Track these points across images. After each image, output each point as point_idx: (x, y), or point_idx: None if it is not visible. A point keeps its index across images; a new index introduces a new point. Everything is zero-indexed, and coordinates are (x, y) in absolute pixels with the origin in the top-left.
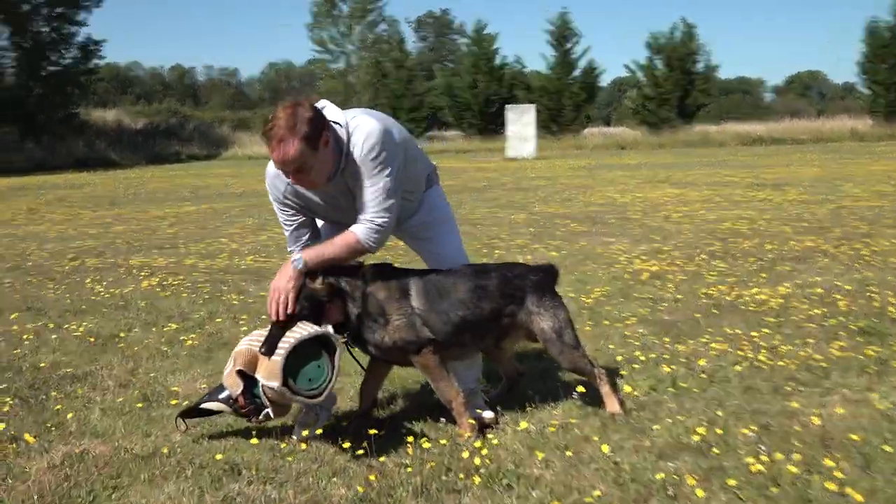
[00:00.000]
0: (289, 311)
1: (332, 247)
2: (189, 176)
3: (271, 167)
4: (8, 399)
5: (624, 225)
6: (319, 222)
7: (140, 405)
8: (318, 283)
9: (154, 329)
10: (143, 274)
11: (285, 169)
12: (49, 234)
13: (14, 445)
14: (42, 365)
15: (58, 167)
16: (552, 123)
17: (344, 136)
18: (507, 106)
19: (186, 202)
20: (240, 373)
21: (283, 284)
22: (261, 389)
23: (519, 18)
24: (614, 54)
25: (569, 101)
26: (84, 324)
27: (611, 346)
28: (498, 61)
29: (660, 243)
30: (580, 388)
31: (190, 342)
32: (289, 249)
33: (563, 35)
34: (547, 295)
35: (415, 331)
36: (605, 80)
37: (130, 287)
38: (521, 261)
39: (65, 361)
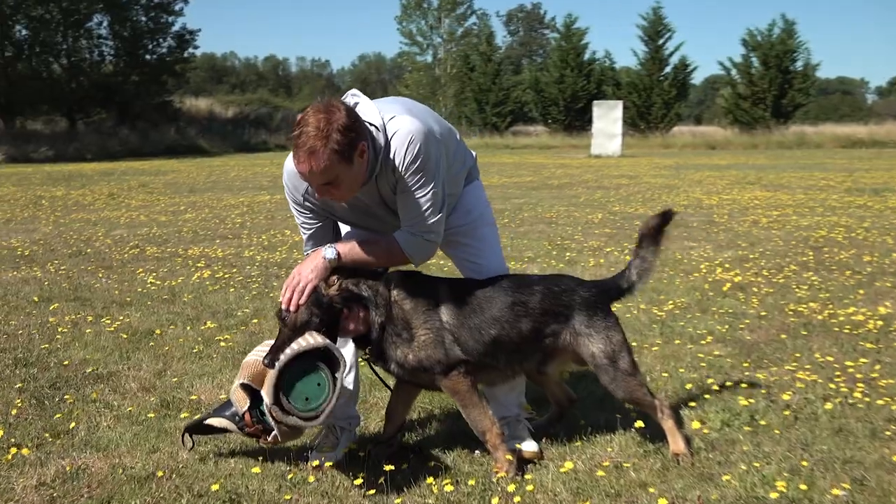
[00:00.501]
0: (301, 301)
1: (371, 246)
2: (272, 165)
3: (290, 163)
4: (18, 402)
5: (708, 229)
6: (343, 227)
7: (152, 415)
8: (332, 288)
9: (193, 326)
10: (198, 265)
11: (310, 182)
12: (120, 220)
13: (10, 455)
14: (66, 363)
15: (149, 153)
16: (640, 121)
17: (381, 140)
18: (594, 102)
19: (263, 191)
20: (245, 387)
21: (305, 271)
22: (266, 407)
23: (610, 13)
24: (708, 51)
25: (658, 98)
26: (124, 317)
27: (681, 370)
28: (587, 56)
29: (746, 250)
30: (639, 423)
31: (226, 343)
32: (305, 254)
33: (655, 31)
34: (598, 314)
35: (443, 349)
36: (697, 78)
37: (180, 279)
38: (591, 263)
39: (94, 359)
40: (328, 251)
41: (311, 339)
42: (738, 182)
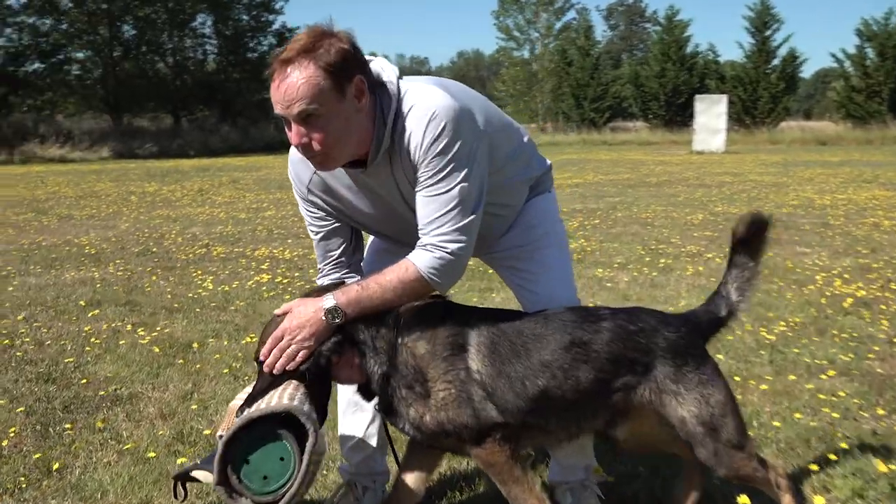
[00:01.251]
0: (289, 368)
1: (379, 287)
2: None
3: (296, 153)
4: (13, 431)
5: (822, 233)
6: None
7: (152, 454)
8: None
9: (236, 339)
10: (261, 268)
11: (287, 112)
12: (200, 217)
13: None
14: (89, 380)
15: (249, 150)
16: (745, 116)
17: (392, 107)
18: (696, 96)
19: None
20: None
21: (299, 333)
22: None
23: (715, 4)
24: (819, 43)
25: (765, 92)
26: (166, 326)
27: (797, 416)
28: (689, 49)
29: (867, 258)
30: (743, 499)
31: None
32: (318, 267)
33: (762, 21)
34: (689, 362)
35: (471, 409)
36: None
37: (236, 283)
38: (689, 271)
39: (119, 376)
40: (330, 309)
41: (278, 398)
42: (852, 180)
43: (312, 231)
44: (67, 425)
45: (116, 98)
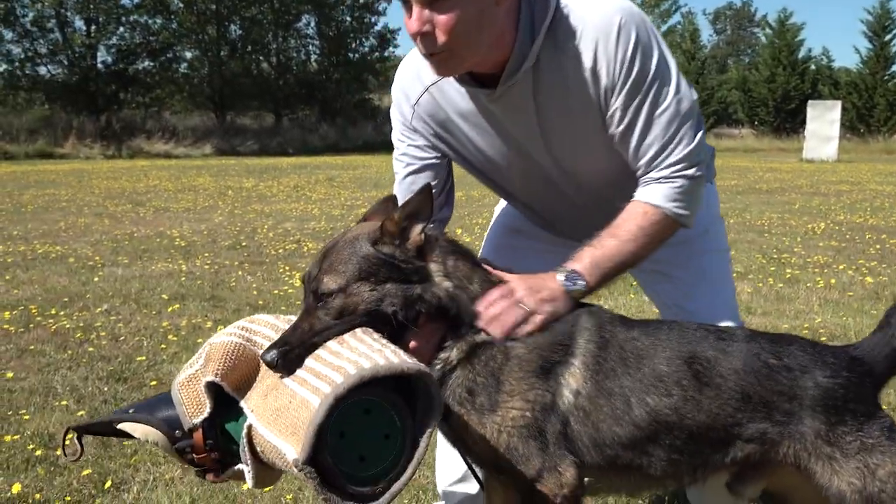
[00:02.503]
0: (518, 333)
1: (615, 241)
2: None
3: (407, 65)
4: (70, 436)
5: None
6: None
7: None
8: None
9: None
10: None
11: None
12: (294, 212)
13: None
14: (158, 381)
15: (346, 149)
16: (860, 124)
17: (546, 17)
18: (809, 102)
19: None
20: (210, 386)
21: (533, 301)
22: (244, 431)
23: (829, 8)
24: None
25: (882, 99)
26: None
27: None
28: (801, 54)
29: None
30: None
31: None
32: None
33: (881, 25)
34: (848, 420)
35: (539, 444)
36: None
37: None
38: (820, 284)
39: None
40: (570, 277)
41: (392, 352)
42: None
43: (401, 163)
44: None
45: (221, 96)
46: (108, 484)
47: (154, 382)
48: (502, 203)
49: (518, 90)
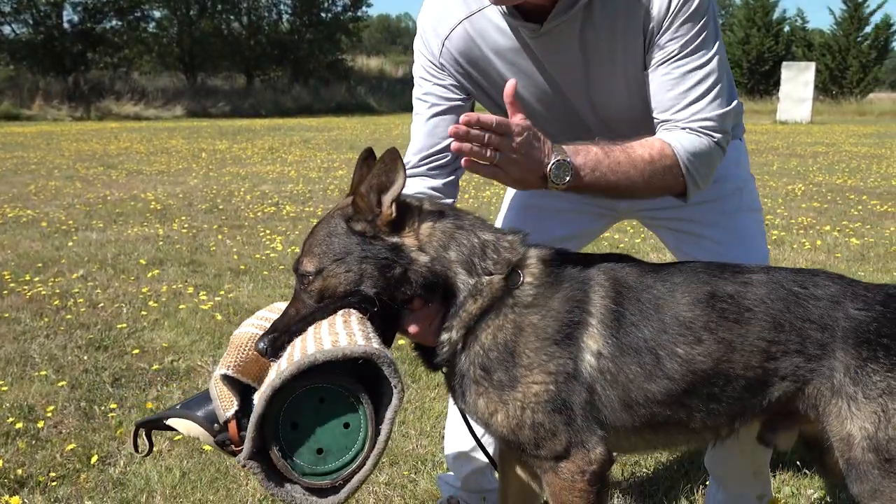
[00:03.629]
0: (480, 167)
1: (626, 158)
2: None
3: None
4: (51, 409)
5: None
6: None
7: (209, 447)
8: (422, 230)
9: None
10: None
11: None
12: (270, 175)
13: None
14: (141, 350)
15: (320, 111)
16: (832, 85)
17: None
18: (783, 64)
19: None
20: (230, 381)
21: (513, 141)
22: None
23: None
24: None
25: (855, 61)
26: (231, 290)
27: None
28: (776, 15)
29: None
30: None
31: None
32: (405, 160)
33: None
34: (882, 354)
35: (566, 415)
36: None
37: None
38: (806, 245)
39: (177, 346)
40: (555, 158)
41: (347, 334)
42: None
43: (424, 104)
44: (113, 405)
45: (191, 57)
46: (94, 459)
47: (136, 350)
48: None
49: (566, 27)
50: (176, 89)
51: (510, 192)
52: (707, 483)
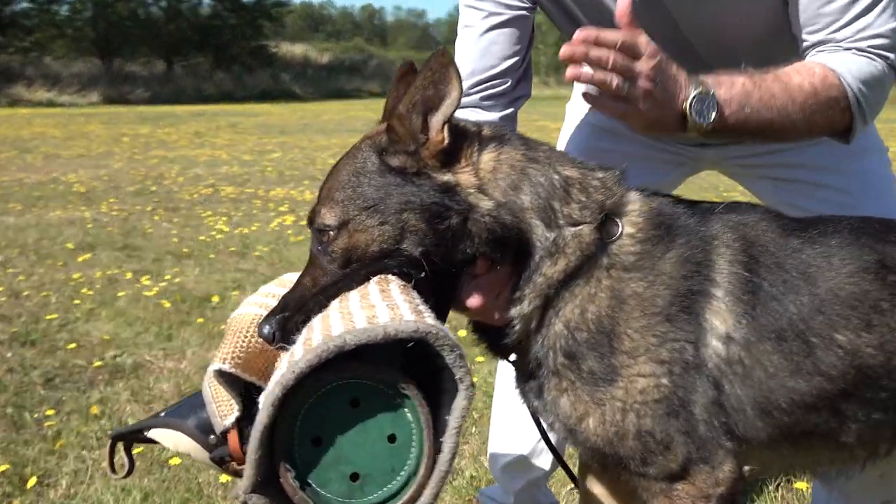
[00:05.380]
0: (604, 94)
1: (781, 88)
2: (367, 110)
3: None
4: None
5: None
6: None
7: (175, 460)
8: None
9: None
10: (280, 209)
11: None
12: (200, 158)
13: None
14: (78, 344)
15: (243, 98)
16: None
17: None
18: None
19: (357, 133)
20: (228, 378)
21: (646, 65)
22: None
23: None
24: None
25: None
26: (176, 276)
27: None
28: None
29: None
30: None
31: None
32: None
33: None
34: None
35: (684, 419)
36: None
37: (256, 226)
38: None
39: (120, 338)
40: (695, 94)
41: (388, 307)
42: None
43: (479, 13)
44: (49, 410)
45: (107, 41)
46: (33, 480)
47: (71, 345)
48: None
49: None
50: (91, 75)
51: (564, 135)
52: (790, 482)
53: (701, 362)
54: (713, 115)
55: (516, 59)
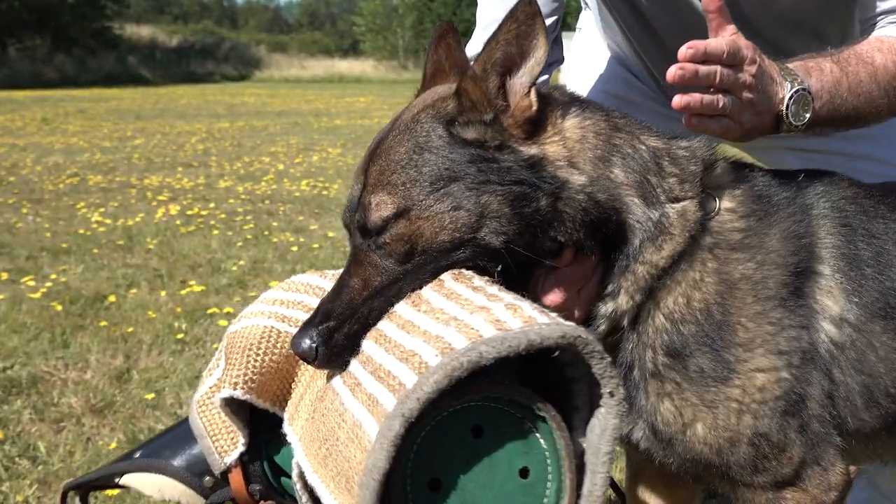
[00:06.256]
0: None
1: (865, 69)
2: (223, 94)
3: None
4: None
5: None
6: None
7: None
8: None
9: (167, 287)
10: (160, 198)
11: None
12: (55, 146)
13: None
14: None
15: (87, 82)
16: None
17: None
18: None
19: (220, 118)
20: (234, 405)
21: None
22: (295, 471)
23: None
24: None
25: None
26: (60, 274)
27: None
28: None
29: None
30: None
31: (225, 320)
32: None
33: None
34: None
35: (801, 421)
36: None
37: (140, 216)
38: None
39: (7, 348)
40: (790, 83)
41: (508, 308)
42: None
43: None
44: None
45: None
46: None
47: None
48: (586, 64)
49: None
50: None
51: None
52: None
53: (814, 350)
54: (808, 115)
55: (553, 18)
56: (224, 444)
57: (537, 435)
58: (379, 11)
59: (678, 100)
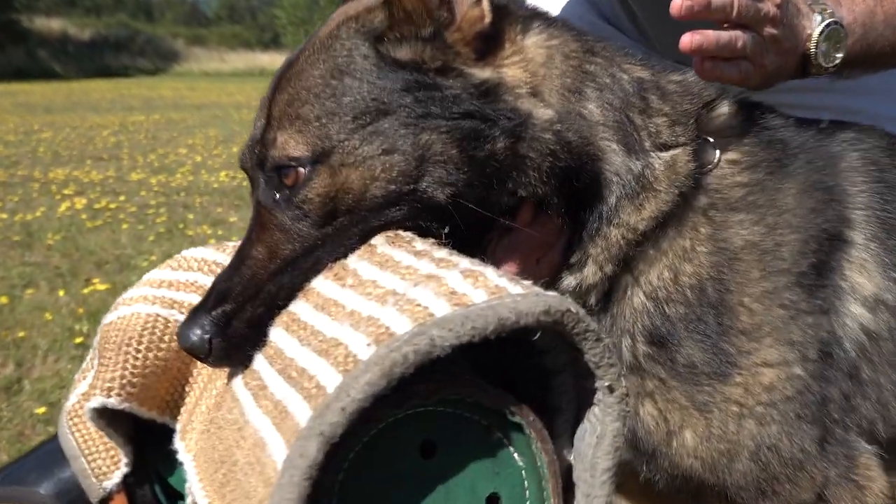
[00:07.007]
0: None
1: None
2: (139, 88)
3: None
4: None
5: None
6: None
7: None
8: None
9: (68, 287)
10: (65, 192)
11: None
12: None
13: None
14: None
15: None
16: None
17: None
18: None
19: (135, 111)
20: (106, 415)
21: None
22: (189, 499)
23: None
24: None
25: None
26: None
27: None
28: None
29: None
30: None
31: None
32: None
33: None
34: None
35: (822, 429)
36: None
37: (40, 211)
38: None
39: None
40: (821, 24)
41: (468, 277)
42: None
43: None
44: None
45: None
46: None
47: None
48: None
49: None
50: None
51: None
52: None
53: (838, 340)
54: (841, 54)
55: None
56: (102, 464)
57: (510, 449)
58: (300, 4)
59: (687, 39)
